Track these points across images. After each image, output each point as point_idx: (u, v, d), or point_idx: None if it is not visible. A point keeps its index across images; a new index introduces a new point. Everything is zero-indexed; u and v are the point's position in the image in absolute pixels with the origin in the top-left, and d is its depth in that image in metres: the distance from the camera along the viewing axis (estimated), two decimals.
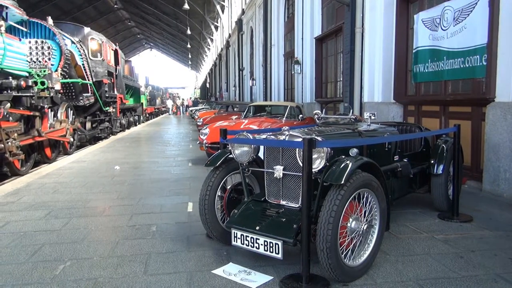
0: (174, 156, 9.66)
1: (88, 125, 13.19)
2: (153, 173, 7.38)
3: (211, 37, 46.08)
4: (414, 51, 7.25)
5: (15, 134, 7.24)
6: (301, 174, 2.85)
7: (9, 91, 7.43)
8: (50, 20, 10.86)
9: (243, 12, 26.87)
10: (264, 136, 3.49)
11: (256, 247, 2.90)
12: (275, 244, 2.79)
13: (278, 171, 3.15)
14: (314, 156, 2.86)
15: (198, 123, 14.36)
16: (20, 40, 8.57)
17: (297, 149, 3.02)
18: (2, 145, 6.67)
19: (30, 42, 9.33)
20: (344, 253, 2.75)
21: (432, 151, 4.61)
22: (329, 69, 12.60)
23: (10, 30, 9.23)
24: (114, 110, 15.27)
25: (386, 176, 3.38)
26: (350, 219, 2.81)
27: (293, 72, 14.65)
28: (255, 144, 3.36)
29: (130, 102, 20.75)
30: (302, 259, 2.66)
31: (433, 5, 6.95)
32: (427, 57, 6.84)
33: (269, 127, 8.01)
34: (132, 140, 14.30)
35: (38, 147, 8.65)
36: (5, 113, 6.85)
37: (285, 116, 8.97)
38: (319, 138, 3.01)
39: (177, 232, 3.94)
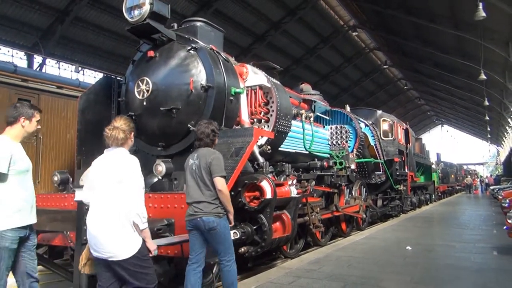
0: (473, 242, 8.52)
1: (379, 202, 13.51)
2: (449, 259, 6.69)
3: None
4: None
5: (318, 208, 8.21)
6: None
7: (314, 171, 8.63)
8: (347, 108, 12.23)
9: None
10: None
11: None
12: None
13: None
14: None
15: (504, 204, 12.32)
16: (323, 127, 10.02)
17: None
18: (308, 218, 7.67)
19: (331, 128, 10.71)
20: None
21: None
22: None
23: (317, 119, 10.91)
24: (404, 188, 15.14)
25: None
26: None
27: None
28: None
29: (421, 180, 20.18)
30: None
31: None
32: None
33: None
34: (423, 219, 13.63)
35: (335, 221, 9.48)
36: (311, 190, 7.93)
37: None
38: None
39: None
